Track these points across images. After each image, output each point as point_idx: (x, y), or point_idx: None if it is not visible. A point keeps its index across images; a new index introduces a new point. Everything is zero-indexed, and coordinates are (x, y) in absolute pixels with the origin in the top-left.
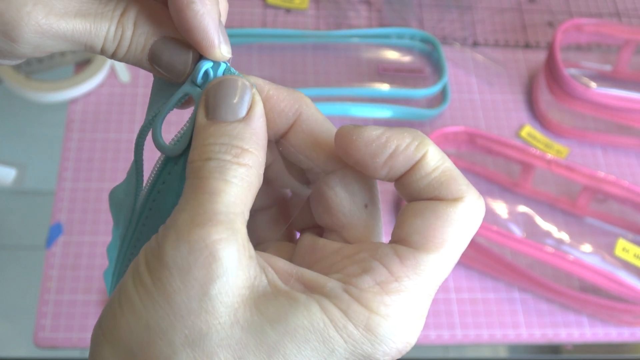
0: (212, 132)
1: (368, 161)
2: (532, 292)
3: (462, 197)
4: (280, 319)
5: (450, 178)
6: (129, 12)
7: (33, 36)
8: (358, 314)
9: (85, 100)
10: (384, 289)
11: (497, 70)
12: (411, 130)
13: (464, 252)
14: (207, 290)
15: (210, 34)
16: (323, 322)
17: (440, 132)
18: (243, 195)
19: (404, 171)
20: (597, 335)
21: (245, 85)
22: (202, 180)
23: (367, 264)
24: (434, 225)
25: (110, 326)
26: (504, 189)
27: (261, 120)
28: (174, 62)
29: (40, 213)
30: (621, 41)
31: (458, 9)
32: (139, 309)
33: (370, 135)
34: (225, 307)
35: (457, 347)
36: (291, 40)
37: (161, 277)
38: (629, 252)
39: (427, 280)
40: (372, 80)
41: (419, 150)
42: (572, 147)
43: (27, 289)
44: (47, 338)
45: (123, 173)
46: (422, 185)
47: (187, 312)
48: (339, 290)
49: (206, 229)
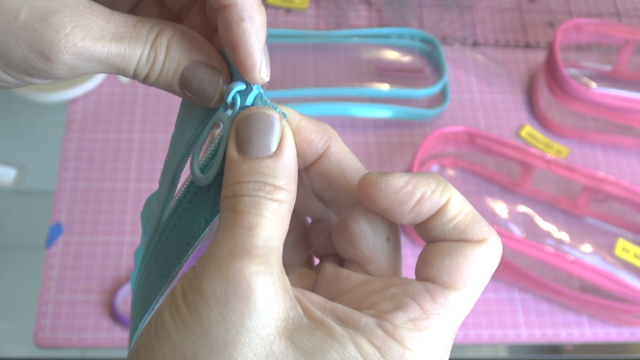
0: (245, 170)
1: (396, 208)
2: (532, 292)
3: (486, 238)
4: (315, 352)
5: (474, 221)
6: (162, 37)
7: (70, 58)
8: (393, 351)
9: (85, 100)
10: (417, 325)
11: (497, 70)
12: (434, 176)
13: None
14: (245, 322)
15: (255, 54)
16: (355, 359)
17: (440, 132)
18: (277, 230)
19: (429, 216)
20: (597, 335)
21: (275, 119)
22: (238, 215)
23: (400, 300)
24: (462, 265)
25: (148, 354)
26: (504, 189)
27: (292, 154)
28: (205, 86)
29: (40, 213)
30: (621, 41)
31: (458, 9)
32: (176, 340)
33: (398, 183)
34: (261, 339)
35: (457, 347)
36: (291, 40)
37: (199, 308)
38: (629, 252)
39: (454, 317)
40: (372, 80)
41: (445, 195)
42: (572, 147)
43: (27, 289)
44: (47, 338)
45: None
46: (448, 228)
47: (224, 344)
48: (374, 326)
49: (244, 261)
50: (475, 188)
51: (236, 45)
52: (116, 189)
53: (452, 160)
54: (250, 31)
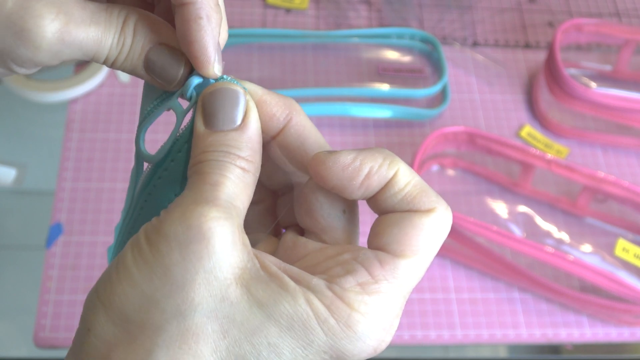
0: (210, 141)
1: (345, 185)
2: (532, 292)
3: (434, 207)
4: (268, 302)
5: (422, 192)
6: (129, 21)
7: (54, 44)
8: (340, 310)
9: (85, 100)
10: (365, 289)
11: (497, 70)
12: (381, 150)
13: (464, 252)
14: (203, 263)
15: (209, 50)
16: (306, 314)
17: (440, 132)
18: (240, 193)
19: (379, 189)
20: (597, 335)
21: (240, 93)
22: (203, 175)
23: (350, 265)
24: (410, 234)
25: (107, 291)
26: (504, 189)
27: (256, 126)
28: (168, 68)
29: (40, 213)
30: (621, 41)
31: (458, 9)
32: (136, 278)
33: (346, 160)
34: (218, 282)
35: (457, 347)
36: (291, 40)
37: (160, 248)
38: (629, 252)
39: (403, 284)
40: (372, 80)
41: (392, 169)
42: (572, 147)
43: (27, 289)
44: (47, 338)
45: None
46: (396, 200)
47: (182, 283)
48: (323, 287)
49: (207, 207)
50: (475, 188)
51: (192, 42)
52: (116, 189)
53: (452, 160)
54: (207, 29)
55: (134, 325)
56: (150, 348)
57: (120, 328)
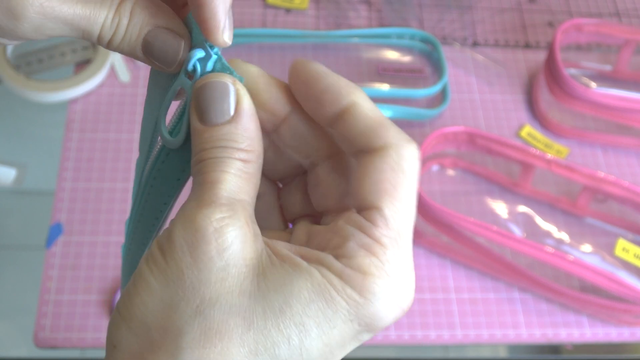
0: (207, 137)
1: (309, 94)
2: (532, 292)
3: (394, 141)
4: (285, 283)
5: (382, 124)
6: (127, 1)
7: (36, 17)
8: (353, 278)
9: (85, 100)
10: (370, 251)
11: (497, 70)
12: (345, 80)
13: (464, 252)
14: (215, 262)
15: (219, 15)
16: (324, 286)
17: (440, 132)
18: (243, 184)
19: (335, 112)
20: (597, 335)
21: (228, 85)
22: (203, 175)
23: (347, 231)
24: (382, 181)
25: (127, 305)
26: (504, 189)
27: (249, 115)
28: (166, 50)
29: (40, 213)
30: (621, 41)
31: (458, 9)
32: (153, 287)
33: (318, 68)
34: (233, 277)
35: (457, 347)
36: (291, 40)
37: (174, 255)
38: (629, 252)
39: (401, 231)
40: (372, 80)
41: (352, 93)
42: (572, 147)
43: (27, 289)
44: (47, 338)
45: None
46: (356, 131)
47: (198, 283)
48: (332, 259)
49: (210, 209)
50: (475, 188)
51: (201, 5)
52: (116, 189)
53: (452, 160)
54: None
55: (157, 333)
56: (175, 352)
57: (144, 338)
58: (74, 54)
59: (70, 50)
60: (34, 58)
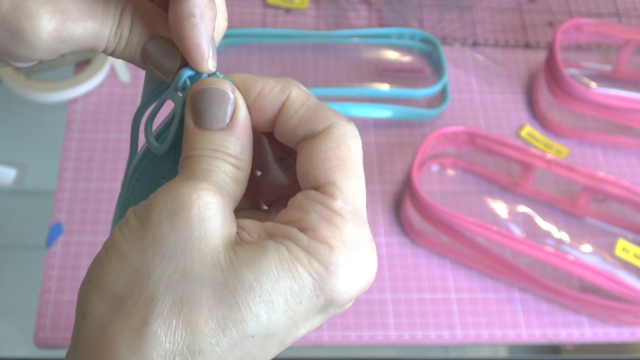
0: (199, 139)
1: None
2: (532, 292)
3: (332, 123)
4: (254, 260)
5: (318, 110)
6: (126, 12)
7: (52, 43)
8: (319, 251)
9: (85, 100)
10: (331, 223)
11: (497, 70)
12: (281, 77)
13: (464, 252)
14: (193, 230)
15: (203, 47)
16: (291, 261)
17: (440, 132)
18: (230, 183)
19: (274, 113)
20: (597, 335)
21: (227, 93)
22: (193, 165)
23: (306, 205)
24: (327, 159)
25: (98, 273)
26: (504, 189)
27: (243, 127)
28: (164, 61)
29: (40, 213)
30: (621, 41)
31: (458, 9)
32: (127, 255)
33: (238, 77)
34: (209, 249)
35: (457, 347)
36: (291, 40)
37: (151, 220)
38: (629, 252)
39: (356, 207)
40: (372, 80)
41: (284, 91)
42: (572, 147)
43: (27, 289)
44: (47, 338)
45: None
46: (295, 122)
47: (174, 252)
48: (297, 232)
49: (197, 181)
50: (475, 188)
51: (184, 39)
52: (116, 189)
53: (452, 160)
54: (200, 27)
55: (129, 301)
56: (145, 319)
57: (114, 307)
58: (74, 54)
59: (75, 51)
60: None
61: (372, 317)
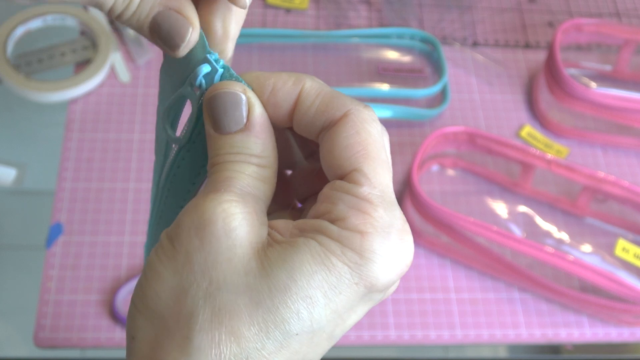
0: (221, 144)
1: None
2: (532, 292)
3: (348, 109)
4: (286, 259)
5: (332, 98)
6: None
7: None
8: (351, 240)
9: (85, 100)
10: (361, 210)
11: (497, 70)
12: (290, 72)
13: (464, 252)
14: (221, 243)
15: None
16: (323, 253)
17: (440, 132)
18: (258, 184)
19: (290, 107)
20: (597, 335)
21: (239, 94)
22: (217, 174)
23: (333, 196)
24: (349, 149)
25: (140, 296)
26: (504, 189)
27: (261, 124)
28: (173, 34)
29: (40, 213)
30: (621, 41)
31: (458, 9)
32: (164, 275)
33: (250, 76)
34: (239, 258)
35: (457, 347)
36: (291, 40)
37: (181, 240)
38: (629, 252)
39: (384, 191)
40: (372, 80)
41: (297, 85)
42: (572, 147)
43: (27, 289)
44: (47, 338)
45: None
46: (312, 113)
47: (206, 266)
48: (327, 224)
49: (219, 194)
50: (475, 188)
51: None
52: (116, 189)
53: (452, 160)
54: None
55: (171, 320)
56: (188, 335)
57: (159, 326)
58: (74, 54)
59: (70, 50)
60: (34, 58)
61: (372, 317)
